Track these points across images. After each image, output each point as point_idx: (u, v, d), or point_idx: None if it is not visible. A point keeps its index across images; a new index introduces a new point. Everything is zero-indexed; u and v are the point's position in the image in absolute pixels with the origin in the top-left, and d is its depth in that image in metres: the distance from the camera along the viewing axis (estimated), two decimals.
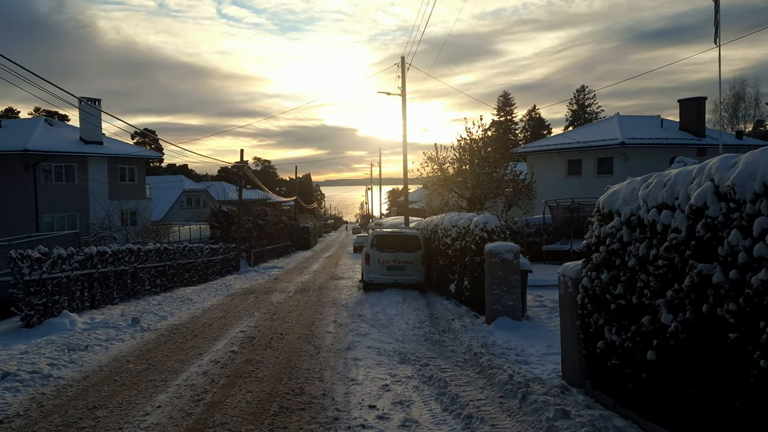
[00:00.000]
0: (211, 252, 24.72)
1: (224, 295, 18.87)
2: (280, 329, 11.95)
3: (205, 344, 10.50)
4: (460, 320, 12.26)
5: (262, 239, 36.64)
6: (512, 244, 11.84)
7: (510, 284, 11.56)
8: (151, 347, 10.29)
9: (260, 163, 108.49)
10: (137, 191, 38.12)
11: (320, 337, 10.94)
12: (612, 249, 6.16)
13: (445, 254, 16.72)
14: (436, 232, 18.30)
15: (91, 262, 14.33)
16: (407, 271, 18.59)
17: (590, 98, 74.95)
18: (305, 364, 8.75)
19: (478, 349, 8.97)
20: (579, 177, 35.31)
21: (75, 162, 33.71)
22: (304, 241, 52.78)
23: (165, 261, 19.26)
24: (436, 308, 14.67)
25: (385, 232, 19.68)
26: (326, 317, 13.53)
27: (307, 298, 17.66)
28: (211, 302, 16.88)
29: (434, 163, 27.78)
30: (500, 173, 26.93)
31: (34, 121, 36.84)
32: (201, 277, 22.94)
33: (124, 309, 14.46)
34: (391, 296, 16.89)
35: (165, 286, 19.12)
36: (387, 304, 15.52)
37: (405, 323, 12.40)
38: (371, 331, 11.46)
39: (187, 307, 15.63)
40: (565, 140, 36.80)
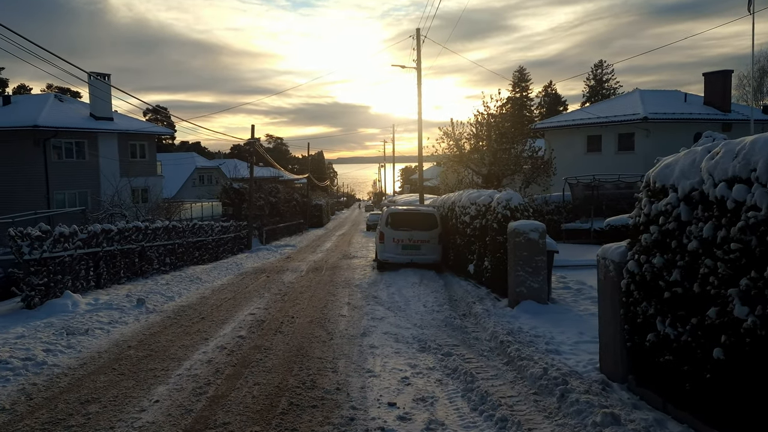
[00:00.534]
0: (222, 230, 24.14)
1: (235, 274, 18.29)
2: (291, 312, 11.31)
3: (212, 328, 9.88)
4: (481, 303, 11.54)
5: (274, 217, 36.04)
6: (538, 223, 11.05)
7: (535, 266, 10.80)
8: (155, 331, 9.68)
9: (272, 140, 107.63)
10: (148, 168, 37.58)
11: (333, 322, 10.27)
12: (667, 229, 5.37)
13: (463, 233, 15.97)
14: (453, 210, 17.52)
15: (95, 240, 13.74)
16: (423, 250, 17.87)
17: (608, 73, 73.15)
18: (317, 352, 8.08)
19: (505, 337, 8.24)
20: (599, 153, 34.25)
21: (85, 138, 33.15)
22: (317, 219, 52.18)
23: (174, 239, 18.68)
24: (454, 290, 13.96)
25: (400, 210, 18.92)
26: (339, 299, 12.88)
27: (319, 277, 17.02)
28: (221, 282, 16.30)
29: (450, 139, 26.85)
30: (518, 149, 25.97)
31: (44, 96, 36.25)
32: (212, 256, 22.39)
33: (131, 289, 13.90)
34: (406, 276, 16.21)
35: (174, 264, 18.57)
36: (403, 284, 14.84)
37: (423, 306, 11.71)
38: (387, 315, 10.78)
39: (195, 287, 15.05)
40: (584, 115, 35.65)
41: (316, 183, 63.58)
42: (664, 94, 36.44)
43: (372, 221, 45.12)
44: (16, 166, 31.29)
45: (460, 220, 16.21)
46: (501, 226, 12.16)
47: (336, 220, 68.38)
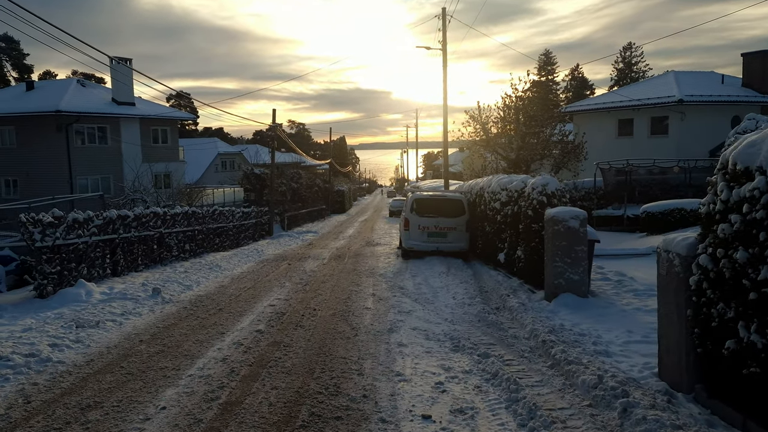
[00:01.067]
0: (243, 216, 23.60)
1: (255, 261, 17.73)
2: (313, 303, 10.65)
3: (229, 321, 9.26)
4: (515, 296, 10.75)
5: (295, 203, 35.47)
6: (578, 210, 10.19)
7: (575, 256, 9.97)
8: (170, 324, 9.10)
9: (294, 126, 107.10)
10: (170, 153, 37.21)
11: (358, 315, 9.58)
12: (753, 219, 4.54)
13: (492, 220, 15.15)
14: (481, 195, 16.69)
15: (111, 227, 13.22)
16: (449, 238, 17.10)
17: (638, 56, 70.90)
18: (341, 350, 7.40)
19: (546, 336, 7.46)
20: (630, 138, 32.96)
21: (107, 123, 32.82)
22: (339, 205, 51.56)
23: (193, 225, 18.15)
24: (484, 280, 13.19)
25: (426, 196, 18.13)
26: (364, 289, 12.19)
27: (342, 266, 16.36)
28: (241, 270, 15.74)
29: (476, 123, 25.89)
30: (547, 133, 24.93)
31: (66, 82, 36.03)
32: (232, 242, 21.88)
33: (148, 277, 13.38)
34: (433, 265, 15.47)
35: (194, 251, 18.07)
36: (429, 274, 14.11)
37: (452, 298, 10.97)
38: (415, 308, 10.06)
39: (214, 275, 14.49)
40: (615, 98, 34.32)
41: (338, 169, 62.92)
42: (699, 75, 34.88)
43: (395, 207, 44.37)
44: (39, 152, 31.14)
45: (490, 207, 15.39)
46: (536, 213, 11.33)
47: (358, 206, 67.79)
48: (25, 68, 50.99)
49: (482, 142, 26.25)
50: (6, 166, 32.09)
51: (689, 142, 29.54)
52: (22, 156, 31.56)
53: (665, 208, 18.51)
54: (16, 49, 52.30)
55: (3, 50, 51.58)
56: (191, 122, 77.22)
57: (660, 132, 31.76)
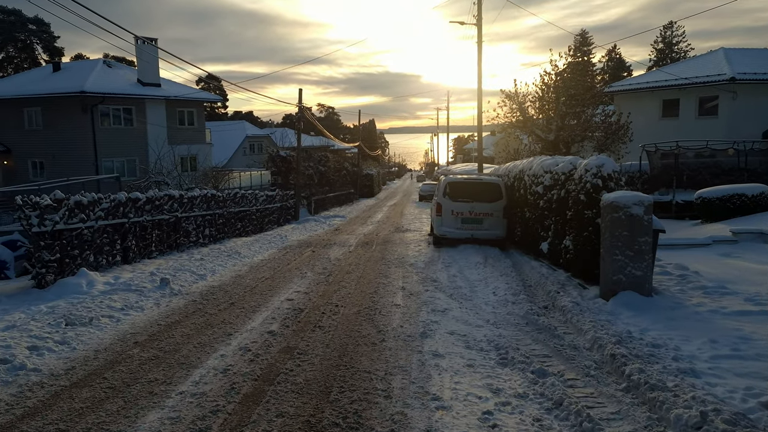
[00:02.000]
0: (267, 199, 22.51)
1: (278, 248, 16.60)
2: (335, 298, 9.43)
3: (240, 319, 8.10)
4: (564, 292, 9.35)
5: (323, 186, 34.34)
6: (643, 195, 8.72)
7: (638, 248, 8.52)
8: (173, 321, 7.98)
9: (324, 109, 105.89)
10: (197, 135, 36.38)
11: (385, 314, 8.32)
12: None
13: (534, 206, 13.70)
14: (521, 179, 15.23)
15: (121, 210, 12.18)
16: (485, 224, 15.71)
17: (679, 35, 67.48)
18: (365, 361, 6.14)
19: (614, 348, 6.08)
20: (675, 119, 30.90)
21: (133, 105, 32.05)
22: (368, 189, 50.31)
23: (213, 209, 17.10)
24: (526, 273, 11.81)
25: (460, 179, 16.72)
26: (392, 282, 10.92)
27: (369, 254, 15.12)
28: (262, 257, 14.62)
29: (513, 103, 24.25)
30: (588, 113, 23.18)
31: (92, 62, 35.37)
32: (256, 227, 20.83)
33: (161, 265, 12.34)
34: (467, 255, 14.13)
35: (214, 237, 17.03)
36: (464, 265, 12.78)
37: (492, 294, 9.63)
38: (451, 306, 8.75)
39: (232, 263, 13.39)
40: (659, 77, 32.18)
41: (367, 152, 61.58)
42: (752, 52, 32.45)
43: (425, 192, 42.96)
44: (65, 134, 30.56)
45: (531, 191, 13.95)
46: (590, 198, 9.87)
47: (387, 190, 66.46)
48: (55, 51, 50.74)
49: (519, 123, 24.62)
50: (33, 148, 31.64)
51: (741, 123, 27.41)
52: (48, 138, 31.05)
53: (724, 194, 16.76)
54: (47, 32, 52.06)
55: (34, 33, 51.40)
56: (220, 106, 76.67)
57: (708, 112, 29.64)
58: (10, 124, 31.96)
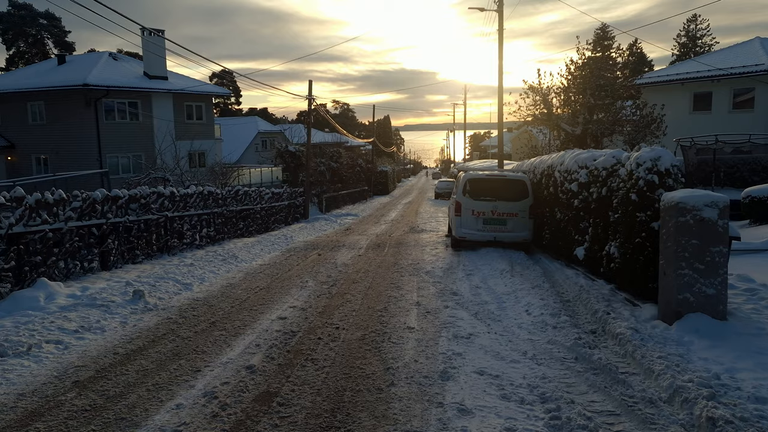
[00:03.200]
0: (274, 197, 20.95)
1: (281, 250, 15.04)
2: (337, 316, 7.80)
3: (217, 346, 6.50)
4: (614, 312, 7.62)
5: (335, 183, 32.74)
6: (716, 195, 6.96)
7: (711, 260, 6.79)
8: (134, 349, 6.40)
9: (339, 106, 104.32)
10: (205, 130, 34.95)
11: (396, 341, 6.66)
12: None
13: (566, 205, 11.97)
14: (550, 175, 13.50)
15: (98, 209, 10.65)
16: (509, 226, 14.01)
17: (703, 29, 64.76)
18: (366, 420, 4.49)
19: (709, 408, 4.36)
20: (707, 113, 28.90)
21: (138, 98, 30.68)
22: (382, 186, 48.65)
23: (212, 208, 15.56)
24: (560, 283, 10.10)
25: (482, 176, 15.00)
26: (405, 295, 9.27)
27: (381, 258, 13.49)
28: (261, 261, 13.06)
29: (536, 94, 22.41)
30: (618, 105, 21.32)
31: (98, 55, 34.06)
32: (260, 227, 19.29)
33: (145, 271, 10.81)
34: (490, 260, 12.46)
35: (212, 238, 15.50)
36: (488, 272, 11.09)
37: (525, 312, 7.95)
38: (477, 330, 7.07)
39: (226, 268, 11.83)
40: (689, 68, 30.14)
41: (382, 148, 59.86)
42: None
43: (441, 189, 41.26)
44: (68, 129, 29.28)
45: (562, 189, 12.22)
46: (644, 197, 8.12)
47: (402, 188, 64.73)
48: (66, 46, 49.68)
49: (543, 116, 22.78)
50: (36, 144, 30.42)
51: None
52: (51, 133, 29.80)
53: None
54: (58, 27, 51.01)
55: (45, 27, 50.39)
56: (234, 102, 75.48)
57: (744, 106, 27.63)
58: (13, 118, 30.78)
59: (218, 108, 73.40)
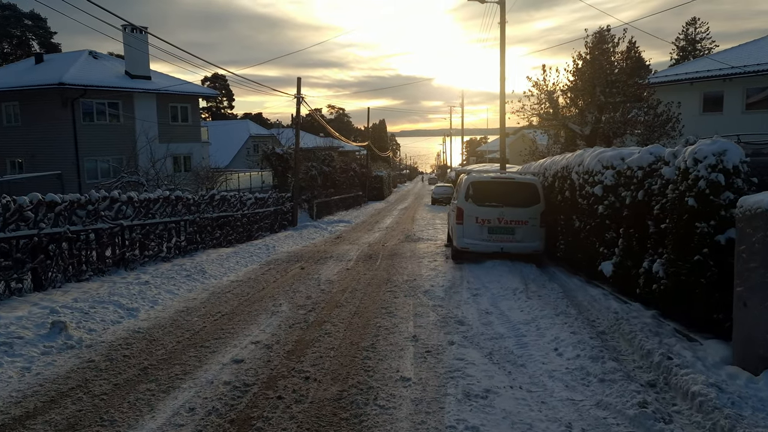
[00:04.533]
0: (257, 203, 19.02)
1: (259, 263, 13.14)
2: (309, 360, 5.90)
3: (135, 411, 4.59)
4: (671, 353, 5.74)
5: (327, 188, 30.85)
6: None
7: None
8: (15, 417, 4.49)
9: (334, 111, 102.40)
10: (191, 133, 33.04)
11: (384, 404, 4.74)
12: None
13: (587, 212, 10.13)
14: (565, 178, 11.67)
15: (30, 217, 8.72)
16: (518, 235, 12.16)
17: (703, 32, 63.24)
18: None
19: None
20: (719, 114, 27.11)
21: (119, 98, 28.75)
22: (377, 191, 46.77)
23: (182, 215, 13.65)
24: (586, 306, 8.23)
25: (486, 178, 13.13)
26: (399, 324, 7.36)
27: (372, 273, 11.59)
28: (234, 277, 11.16)
29: (541, 92, 20.61)
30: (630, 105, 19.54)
31: (77, 54, 32.12)
32: (243, 235, 17.36)
33: (86, 292, 8.87)
34: (498, 275, 10.60)
35: (183, 248, 13.58)
36: (498, 292, 9.22)
37: (555, 351, 6.06)
38: (496, 383, 5.16)
39: (189, 287, 9.92)
40: (701, 67, 28.41)
41: (377, 153, 57.96)
42: None
43: (438, 194, 39.40)
44: (44, 130, 27.30)
45: (582, 193, 10.38)
46: (705, 202, 6.26)
47: (398, 193, 62.82)
48: (52, 47, 47.67)
49: (548, 116, 20.97)
50: (11, 147, 28.41)
51: None
52: (27, 135, 27.81)
53: None
54: (43, 27, 49.04)
55: (29, 28, 48.42)
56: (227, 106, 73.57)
57: (759, 106, 25.83)
58: None
59: (210, 112, 71.51)
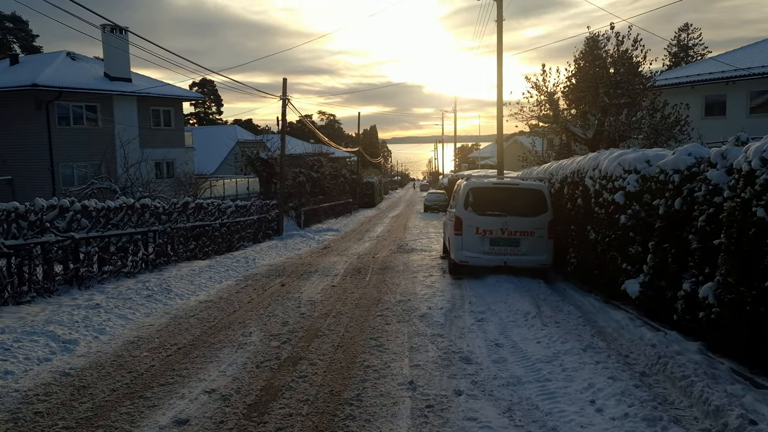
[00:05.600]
0: (239, 211, 17.55)
1: (235, 279, 11.70)
2: (275, 419, 4.48)
3: None
4: (741, 407, 4.37)
5: (316, 195, 29.43)
6: None
7: None
8: None
9: (325, 117, 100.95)
10: (174, 137, 31.51)
11: None
12: None
13: (606, 223, 8.81)
14: (576, 183, 10.36)
15: None
16: (524, 247, 10.84)
17: (695, 38, 62.51)
18: None
19: None
20: (721, 118, 26.01)
21: (97, 101, 27.20)
22: (368, 198, 45.35)
23: (150, 225, 12.19)
24: (613, 336, 6.88)
25: (488, 185, 11.78)
26: (392, 363, 5.95)
27: (360, 291, 10.19)
28: (204, 296, 9.74)
29: (541, 93, 19.32)
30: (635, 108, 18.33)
31: (54, 55, 30.58)
32: (222, 246, 15.90)
33: (21, 319, 7.42)
34: (504, 294, 9.25)
35: (151, 262, 12.10)
36: (507, 316, 7.84)
37: (591, 403, 4.68)
38: None
39: (146, 310, 8.48)
40: (703, 70, 27.34)
41: (368, 159, 56.55)
42: None
43: (430, 201, 38.07)
44: (17, 135, 25.69)
45: (600, 201, 9.07)
46: None
47: (389, 200, 61.43)
48: (33, 50, 46.14)
49: (548, 119, 19.69)
50: None
51: None
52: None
53: None
54: (25, 30, 47.42)
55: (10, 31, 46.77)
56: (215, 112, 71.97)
57: (763, 110, 24.77)
58: None
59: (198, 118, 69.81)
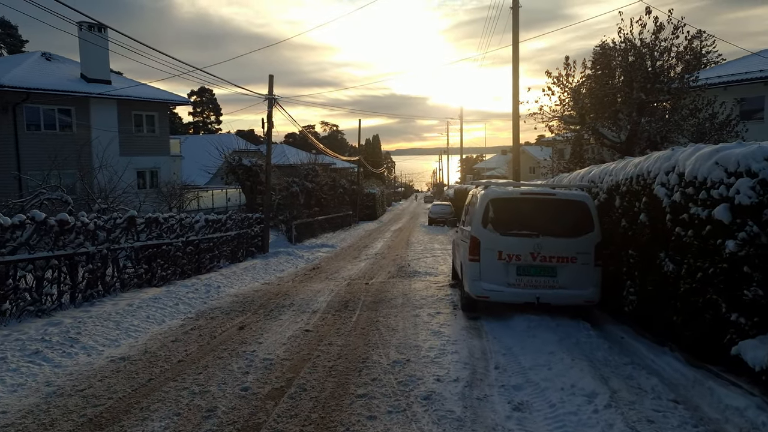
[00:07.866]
0: (211, 225, 14.69)
1: (184, 316, 8.84)
2: None
3: None
4: None
5: (311, 207, 26.62)
6: None
7: None
8: None
9: (328, 128, 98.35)
10: (158, 144, 28.80)
11: None
12: None
13: (696, 250, 5.94)
14: (636, 193, 7.50)
15: None
16: (562, 278, 7.95)
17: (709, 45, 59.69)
18: None
19: None
20: (758, 122, 23.17)
21: (73, 105, 24.51)
22: (369, 210, 42.51)
23: (75, 247, 9.33)
24: None
25: (513, 194, 8.78)
26: None
27: (341, 341, 7.28)
28: (119, 351, 6.88)
29: (563, 90, 16.51)
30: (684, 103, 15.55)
31: (27, 54, 28.06)
32: (187, 267, 13.05)
33: None
34: (548, 354, 6.36)
35: (82, 293, 9.25)
36: (559, 401, 4.92)
37: None
38: None
39: (19, 380, 5.64)
40: (734, 70, 24.53)
41: (370, 169, 53.66)
42: None
43: (435, 214, 35.21)
44: None
45: (682, 218, 6.20)
46: None
47: (392, 212, 58.50)
48: None
49: (572, 119, 16.88)
50: None
51: None
52: None
53: None
54: (13, 35, 45.11)
55: None
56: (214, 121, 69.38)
57: None
58: None
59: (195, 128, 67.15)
